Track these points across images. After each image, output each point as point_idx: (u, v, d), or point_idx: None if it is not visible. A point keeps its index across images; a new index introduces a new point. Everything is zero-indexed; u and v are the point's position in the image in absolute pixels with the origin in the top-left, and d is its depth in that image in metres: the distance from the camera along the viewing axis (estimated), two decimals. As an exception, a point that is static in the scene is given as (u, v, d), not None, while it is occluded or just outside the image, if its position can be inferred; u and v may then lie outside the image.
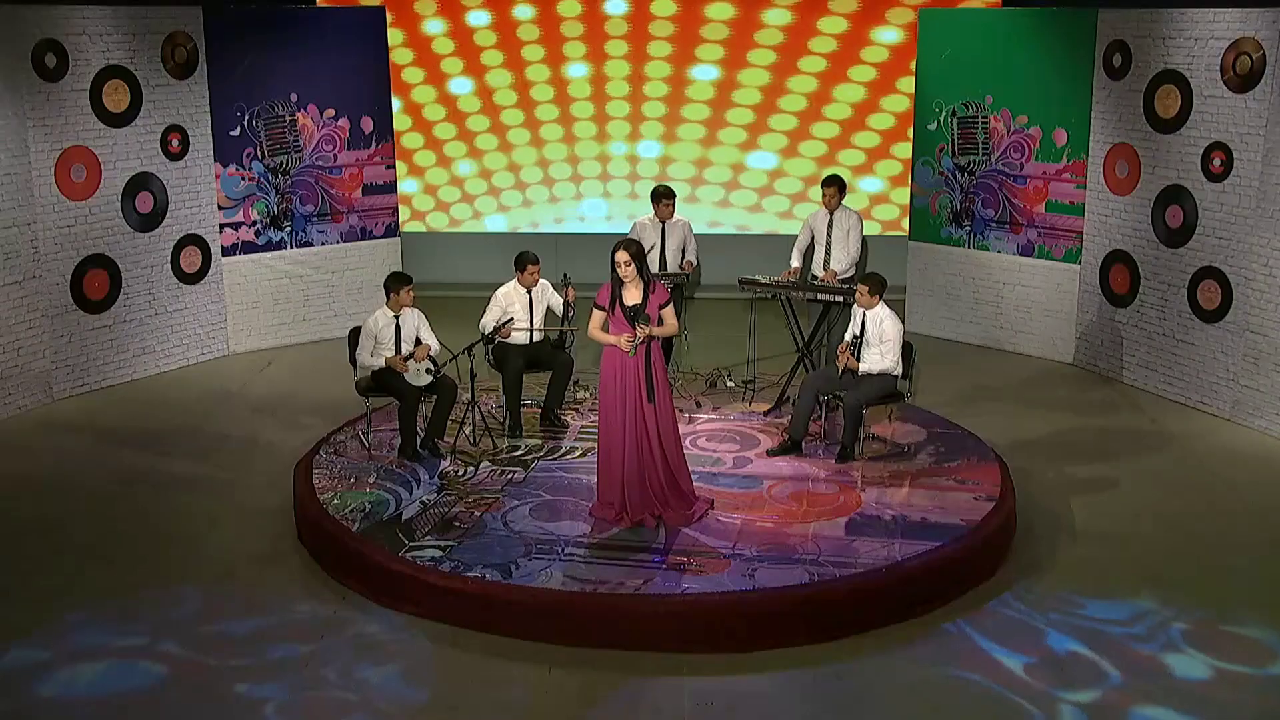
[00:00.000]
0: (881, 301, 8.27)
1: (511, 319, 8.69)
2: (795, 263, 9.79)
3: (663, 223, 9.87)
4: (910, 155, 12.17)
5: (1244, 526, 7.81)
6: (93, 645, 6.36)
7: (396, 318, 8.37)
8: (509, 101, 13.40)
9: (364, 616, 6.65)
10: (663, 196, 9.87)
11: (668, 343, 9.01)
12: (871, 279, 8.28)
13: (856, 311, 8.39)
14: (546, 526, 7.20)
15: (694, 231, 10.06)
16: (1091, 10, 10.47)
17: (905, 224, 12.61)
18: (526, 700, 5.92)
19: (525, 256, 8.76)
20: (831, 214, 9.73)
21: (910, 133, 12.28)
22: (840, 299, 9.14)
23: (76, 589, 6.95)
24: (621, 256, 7.10)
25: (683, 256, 9.91)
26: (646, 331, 7.09)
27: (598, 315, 7.24)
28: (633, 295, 7.17)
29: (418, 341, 8.42)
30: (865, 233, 9.96)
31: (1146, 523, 7.82)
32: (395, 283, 8.37)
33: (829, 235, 9.70)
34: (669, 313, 7.23)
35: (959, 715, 5.82)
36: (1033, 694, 5.98)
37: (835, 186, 9.72)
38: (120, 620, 6.61)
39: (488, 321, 8.71)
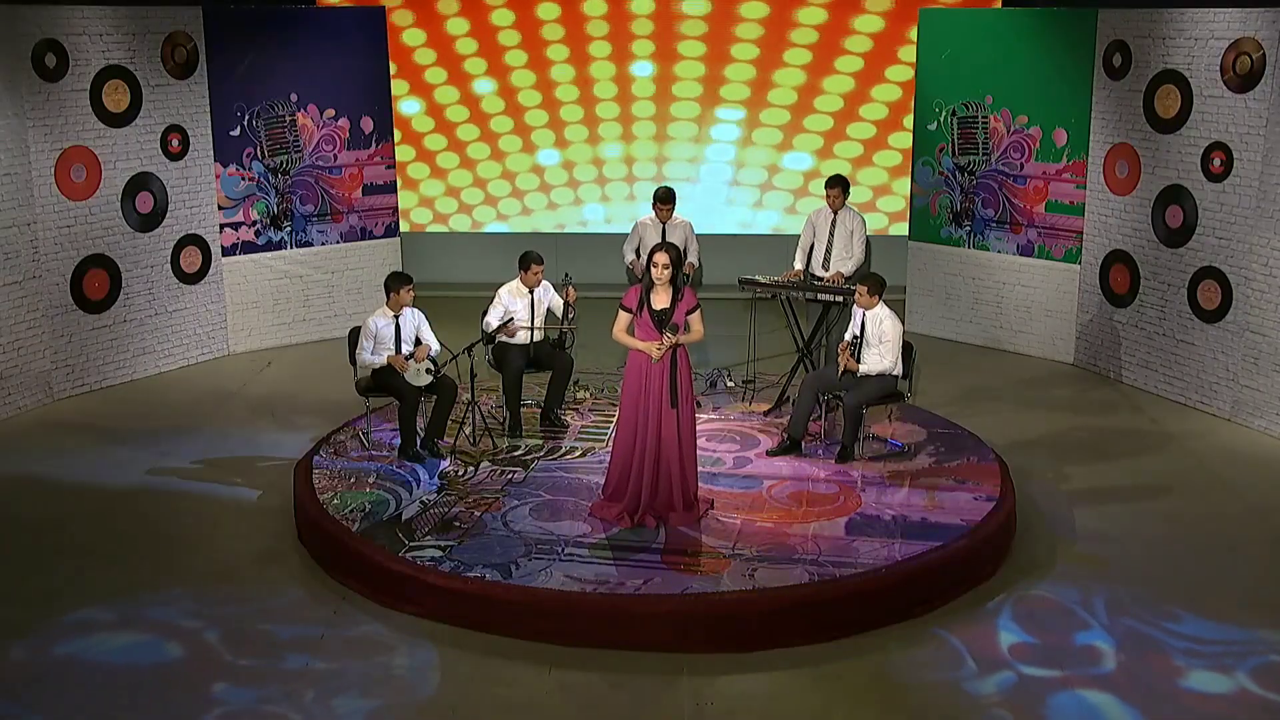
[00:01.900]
0: (881, 302, 8.27)
1: (512, 319, 8.69)
2: (798, 264, 9.76)
3: (663, 223, 9.87)
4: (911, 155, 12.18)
5: (1244, 526, 7.81)
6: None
7: (396, 317, 8.37)
8: (533, 102, 13.38)
9: (364, 616, 6.65)
10: (662, 199, 9.85)
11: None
12: (871, 279, 8.28)
13: (856, 311, 8.39)
14: (546, 526, 7.20)
15: (696, 232, 10.07)
16: (1091, 10, 10.48)
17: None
18: (526, 700, 5.92)
19: (529, 256, 8.76)
20: (835, 213, 9.72)
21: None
22: (840, 299, 9.13)
23: (76, 589, 6.95)
24: (661, 259, 7.09)
25: (685, 257, 9.89)
26: (674, 340, 7.10)
27: (623, 317, 7.23)
28: (661, 300, 7.17)
29: (417, 341, 8.43)
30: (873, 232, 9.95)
31: (1146, 523, 7.82)
32: (395, 282, 8.37)
33: (830, 234, 9.69)
34: (696, 319, 7.23)
35: (960, 713, 5.83)
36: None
37: (839, 187, 9.70)
38: (120, 615, 6.63)
39: (491, 320, 8.71)
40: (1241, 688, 5.99)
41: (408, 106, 13.32)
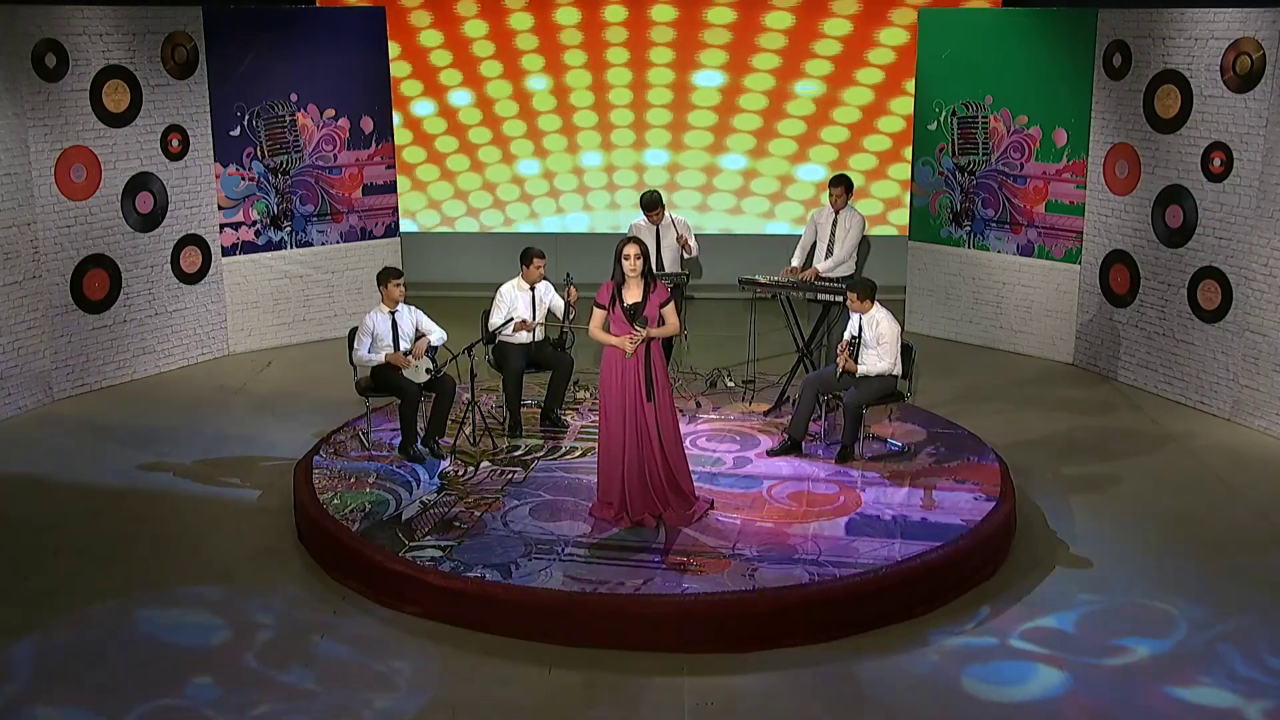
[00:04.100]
0: (876, 304, 8.26)
1: (524, 319, 8.68)
2: (795, 261, 9.77)
3: (655, 225, 9.85)
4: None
5: (1244, 526, 7.81)
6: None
7: (392, 314, 8.38)
8: (510, 112, 13.40)
9: (364, 616, 6.65)
10: (648, 206, 9.81)
11: (667, 342, 9.01)
12: (860, 285, 8.27)
13: (853, 313, 8.39)
14: (546, 526, 7.20)
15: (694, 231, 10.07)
16: (1091, 10, 10.48)
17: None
18: (526, 700, 5.92)
19: (531, 251, 8.78)
20: (837, 213, 9.73)
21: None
22: (841, 299, 9.13)
23: (76, 589, 6.95)
24: (631, 250, 7.10)
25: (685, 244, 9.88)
26: (645, 334, 7.10)
27: (598, 314, 7.24)
28: (633, 294, 7.18)
29: (418, 336, 8.45)
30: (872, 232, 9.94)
31: (1146, 523, 7.82)
32: (385, 276, 8.41)
33: (832, 233, 9.71)
34: (669, 311, 7.23)
35: (961, 714, 5.83)
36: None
37: (842, 187, 9.71)
38: (120, 608, 6.64)
39: (496, 319, 8.71)
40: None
41: (421, 108, 13.33)
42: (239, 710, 5.80)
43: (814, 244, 9.85)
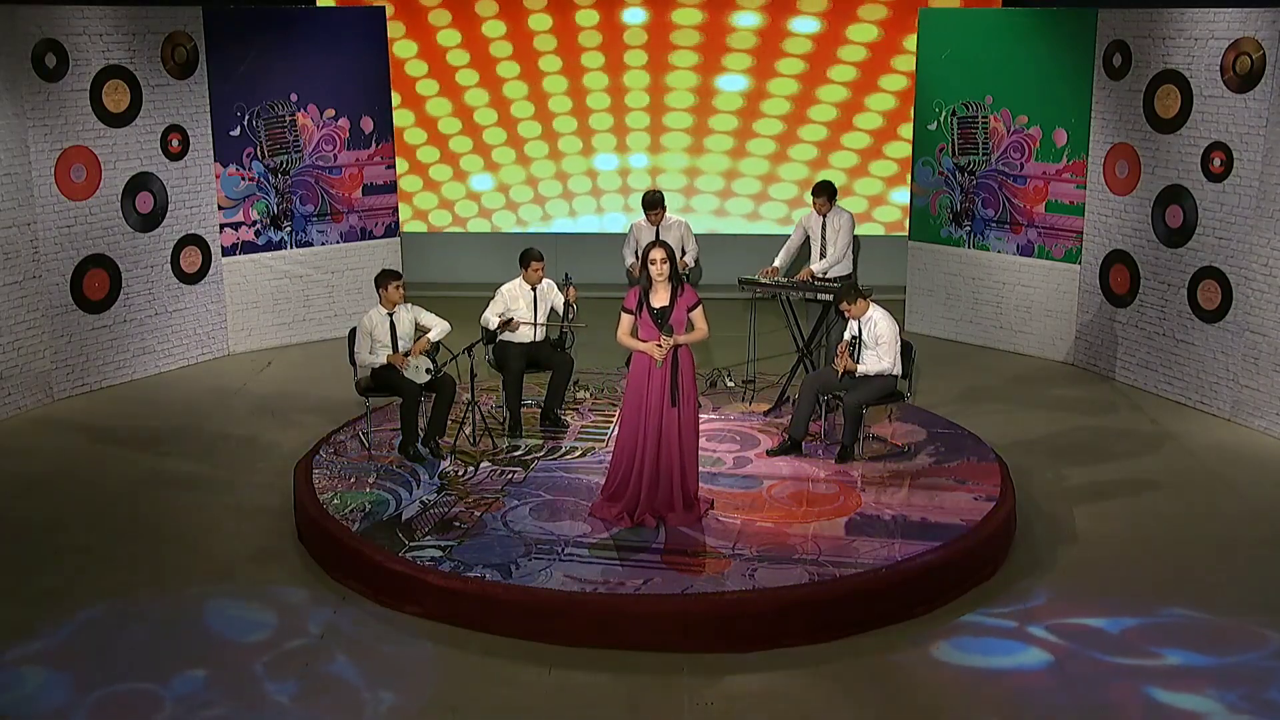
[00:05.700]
0: (872, 304, 8.27)
1: (512, 319, 8.68)
2: (777, 262, 9.77)
3: (655, 226, 9.85)
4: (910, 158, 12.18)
5: (1244, 527, 7.80)
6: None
7: (390, 315, 8.39)
8: (526, 114, 13.39)
9: (364, 616, 6.65)
10: (650, 205, 9.83)
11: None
12: (847, 293, 8.27)
13: (852, 315, 8.41)
14: (546, 526, 7.21)
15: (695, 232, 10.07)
16: (1091, 10, 10.48)
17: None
18: (526, 700, 5.92)
19: (529, 253, 8.77)
20: (824, 217, 9.74)
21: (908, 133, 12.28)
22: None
23: (77, 589, 6.95)
24: (658, 254, 7.07)
25: (681, 254, 9.89)
26: (672, 341, 7.09)
27: (626, 320, 7.22)
28: (660, 297, 7.16)
29: (418, 335, 8.46)
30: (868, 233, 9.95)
31: (1146, 523, 7.82)
32: (385, 278, 8.42)
33: (823, 235, 9.73)
34: (698, 315, 7.20)
35: (960, 714, 5.83)
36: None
37: (825, 196, 9.73)
38: (120, 606, 6.65)
39: (489, 316, 8.72)
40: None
41: (399, 118, 13.30)
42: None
43: (802, 247, 9.86)
